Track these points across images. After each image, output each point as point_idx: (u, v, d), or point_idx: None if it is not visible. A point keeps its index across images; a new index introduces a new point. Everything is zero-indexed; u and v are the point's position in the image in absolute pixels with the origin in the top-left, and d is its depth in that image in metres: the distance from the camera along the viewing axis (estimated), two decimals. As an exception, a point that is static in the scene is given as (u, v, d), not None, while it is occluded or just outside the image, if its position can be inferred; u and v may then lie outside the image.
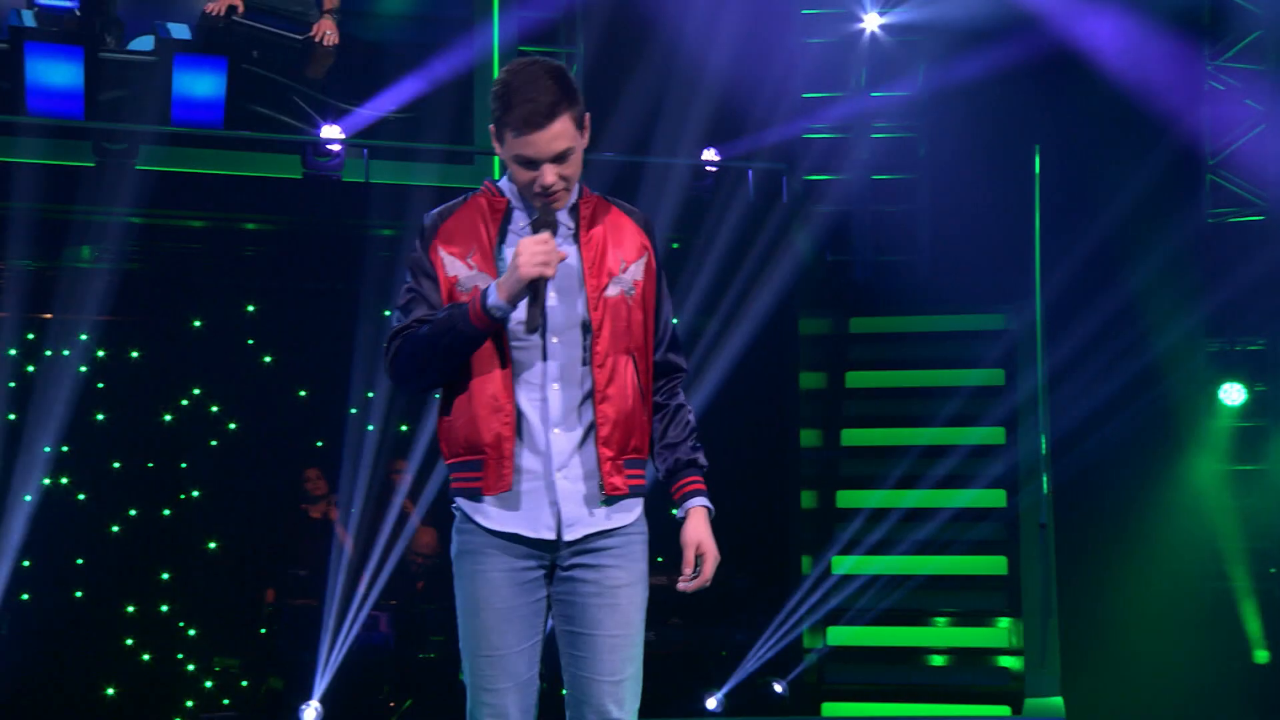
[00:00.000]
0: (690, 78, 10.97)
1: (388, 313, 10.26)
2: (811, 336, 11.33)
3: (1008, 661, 10.36)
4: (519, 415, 3.95)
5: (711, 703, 9.86)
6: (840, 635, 10.46)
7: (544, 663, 4.05)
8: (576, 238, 3.96)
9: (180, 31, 10.48)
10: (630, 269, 3.99)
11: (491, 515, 3.97)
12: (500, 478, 3.91)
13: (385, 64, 11.13)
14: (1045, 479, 10.38)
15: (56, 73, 10.08)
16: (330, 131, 9.92)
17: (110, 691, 10.30)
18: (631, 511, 4.00)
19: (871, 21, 11.94)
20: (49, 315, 10.04)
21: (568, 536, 3.94)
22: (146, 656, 10.47)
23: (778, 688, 10.11)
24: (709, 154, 10.49)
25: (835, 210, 12.02)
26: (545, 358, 3.93)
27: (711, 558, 4.05)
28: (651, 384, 4.07)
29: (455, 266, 3.93)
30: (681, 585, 4.05)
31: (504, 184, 4.00)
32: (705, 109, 10.94)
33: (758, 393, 10.57)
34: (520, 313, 3.90)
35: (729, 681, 9.94)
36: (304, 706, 9.43)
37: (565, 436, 3.94)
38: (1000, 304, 11.25)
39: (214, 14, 10.44)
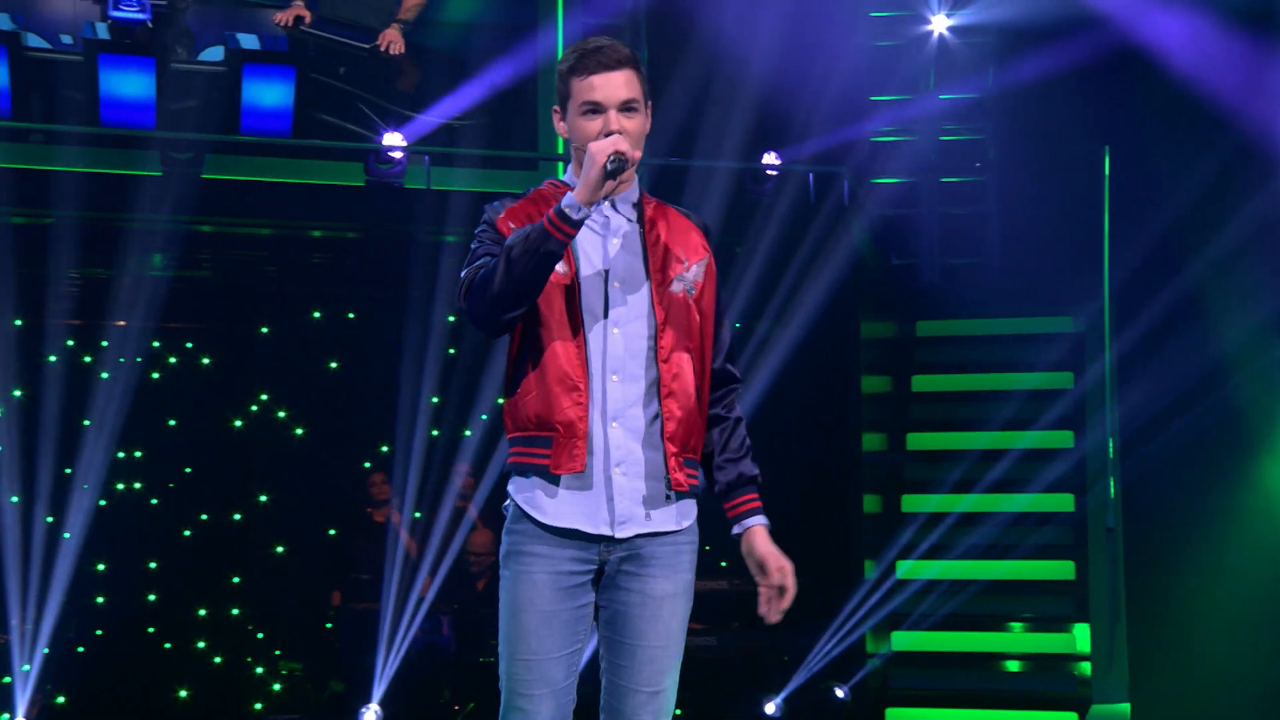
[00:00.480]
0: (752, 82, 10.86)
1: (452, 318, 10.33)
2: (875, 340, 11.25)
3: (1074, 667, 10.21)
4: (588, 404, 3.95)
5: (771, 707, 9.81)
6: (905, 640, 10.35)
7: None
8: (641, 233, 3.96)
9: (250, 42, 10.58)
10: (693, 269, 3.98)
11: (548, 509, 3.92)
12: (572, 456, 3.86)
13: (451, 72, 11.13)
14: (1112, 482, 10.21)
15: (129, 83, 10.17)
16: (392, 139, 9.93)
17: (183, 694, 10.39)
18: (685, 517, 3.97)
19: (939, 23, 11.81)
20: (122, 322, 10.08)
21: (620, 534, 3.89)
22: (218, 659, 10.53)
23: (839, 692, 10.04)
24: (769, 158, 10.43)
25: (902, 213, 11.93)
26: (606, 349, 3.90)
27: (790, 570, 4.01)
28: (707, 388, 4.01)
29: None
30: (774, 612, 4.02)
31: (567, 175, 4.02)
32: (767, 113, 10.90)
33: (818, 396, 10.52)
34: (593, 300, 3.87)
35: (788, 686, 9.88)
36: (364, 710, 9.45)
37: (623, 431, 3.90)
38: (1068, 306, 11.05)
39: (282, 24, 10.61)
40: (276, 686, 10.37)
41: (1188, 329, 10.42)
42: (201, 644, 10.43)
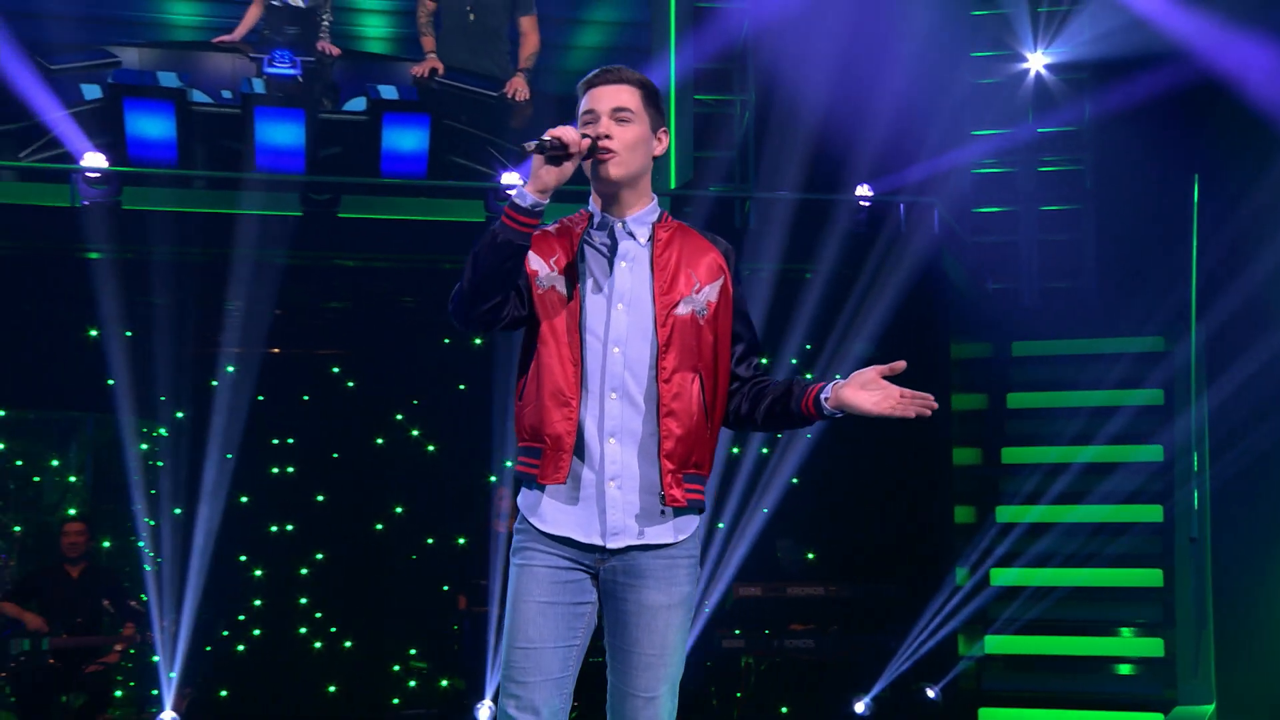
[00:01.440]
0: (852, 118, 10.95)
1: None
2: (970, 360, 11.25)
3: (1161, 670, 10.21)
4: (580, 419, 3.93)
5: (860, 706, 9.83)
6: (998, 644, 10.40)
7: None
8: (651, 258, 3.98)
9: (389, 92, 10.74)
10: (705, 290, 3.97)
11: (548, 517, 3.95)
12: (557, 468, 3.89)
13: (565, 111, 11.17)
14: (1196, 493, 10.20)
15: (281, 133, 10.35)
16: (509, 178, 10.03)
17: (332, 689, 10.76)
18: (682, 531, 3.97)
19: (1036, 61, 12.02)
20: (276, 349, 10.46)
21: (611, 545, 3.91)
22: (362, 657, 10.85)
23: (930, 693, 10.00)
24: (862, 190, 10.52)
25: (1002, 240, 12.17)
26: (605, 366, 3.92)
27: (882, 372, 4.14)
28: (721, 404, 4.02)
29: (538, 263, 3.96)
30: (916, 403, 4.14)
31: (591, 205, 4.06)
32: (867, 147, 10.93)
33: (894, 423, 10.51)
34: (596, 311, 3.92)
35: (876, 686, 9.89)
36: (479, 705, 9.55)
37: (619, 447, 3.92)
38: (1159, 325, 11.07)
39: (418, 76, 10.84)
40: (412, 683, 10.65)
41: (1271, 347, 10.36)
42: (348, 643, 10.82)
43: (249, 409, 10.26)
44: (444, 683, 10.87)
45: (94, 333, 9.85)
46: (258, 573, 10.74)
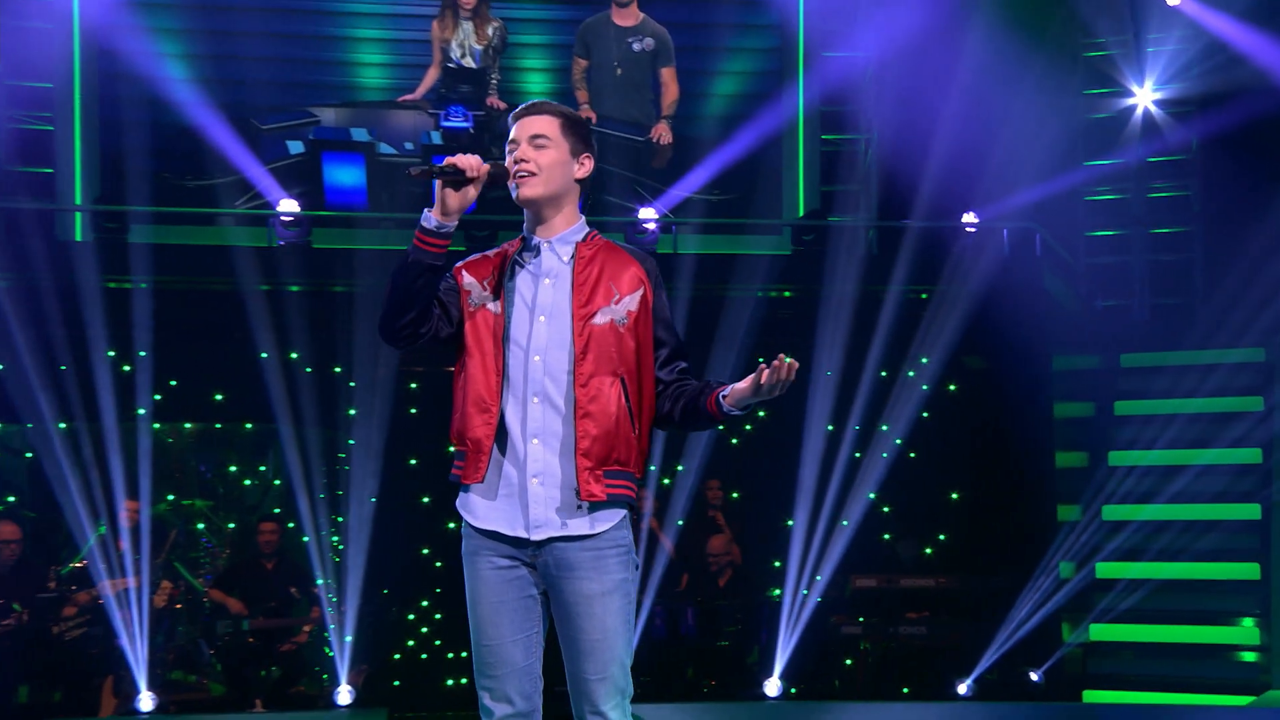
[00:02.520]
0: (967, 151, 11.08)
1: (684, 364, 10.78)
2: (1075, 371, 11.28)
3: (1256, 657, 10.26)
4: (502, 423, 3.96)
5: (962, 688, 9.94)
6: (1101, 632, 10.49)
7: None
8: (573, 274, 4.02)
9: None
10: (624, 300, 3.99)
11: (476, 512, 4.02)
12: (476, 469, 3.95)
13: (699, 150, 11.39)
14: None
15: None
16: (646, 213, 10.43)
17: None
18: (606, 521, 3.98)
19: (1144, 97, 12.05)
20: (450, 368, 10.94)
21: (534, 537, 3.94)
22: None
23: (1033, 676, 10.13)
24: (968, 216, 10.75)
25: (1114, 261, 12.24)
26: (527, 374, 3.96)
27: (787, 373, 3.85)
28: (648, 405, 4.06)
29: (471, 284, 4.05)
30: (781, 370, 3.85)
31: (525, 229, 4.15)
32: (978, 177, 11.11)
33: (1015, 420, 10.65)
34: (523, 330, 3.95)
35: (977, 669, 10.01)
36: None
37: (542, 447, 3.94)
38: (1261, 338, 11.08)
39: None
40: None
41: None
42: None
43: (435, 419, 10.38)
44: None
45: (294, 355, 10.34)
46: (438, 564, 11.05)
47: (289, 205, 10.22)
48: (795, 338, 10.46)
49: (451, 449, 4.04)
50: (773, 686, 9.90)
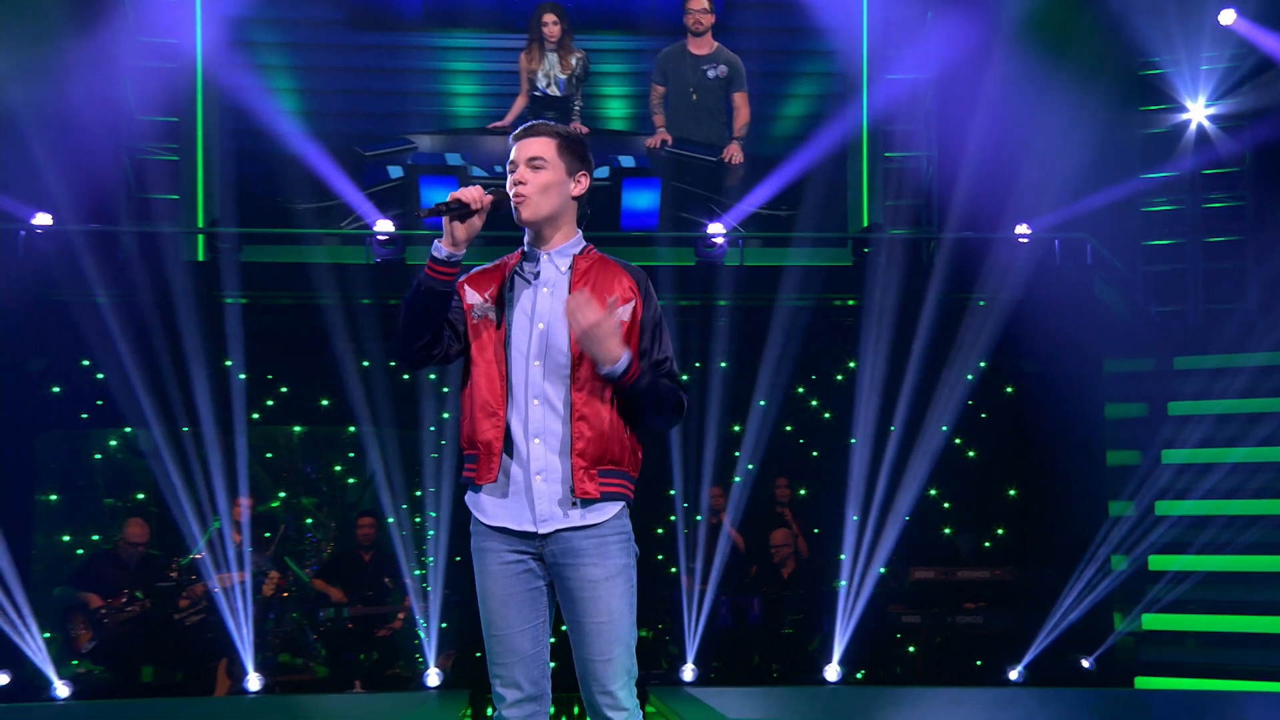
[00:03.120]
0: (1023, 166, 11.10)
1: (718, 364, 10.47)
2: (1128, 374, 11.16)
3: None
4: (507, 425, 3.97)
5: (1013, 674, 9.87)
6: (1153, 621, 10.38)
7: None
8: (569, 285, 4.00)
9: (627, 161, 11.31)
10: (616, 312, 3.94)
11: (486, 510, 4.01)
12: (489, 470, 3.96)
13: (768, 167, 11.40)
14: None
15: None
16: (715, 227, 10.51)
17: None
18: (604, 513, 3.98)
19: (1198, 113, 11.88)
20: None
21: (542, 530, 3.94)
22: None
23: (1085, 663, 10.03)
24: (1021, 228, 10.69)
25: (1170, 269, 12.06)
26: (528, 378, 3.96)
27: (589, 324, 3.79)
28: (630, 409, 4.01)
29: (473, 297, 4.02)
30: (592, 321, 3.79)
31: (524, 242, 4.10)
32: (1034, 191, 11.06)
33: (1067, 420, 10.56)
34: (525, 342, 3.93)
35: (1027, 656, 9.93)
36: (683, 667, 9.91)
37: (543, 446, 3.94)
38: None
39: (651, 147, 11.27)
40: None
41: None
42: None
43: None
44: (658, 648, 10.89)
45: (393, 363, 10.45)
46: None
47: (385, 225, 10.44)
48: (856, 344, 10.52)
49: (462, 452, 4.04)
50: (833, 672, 9.88)
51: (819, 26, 12.04)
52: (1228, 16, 11.41)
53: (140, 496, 10.82)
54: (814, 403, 11.08)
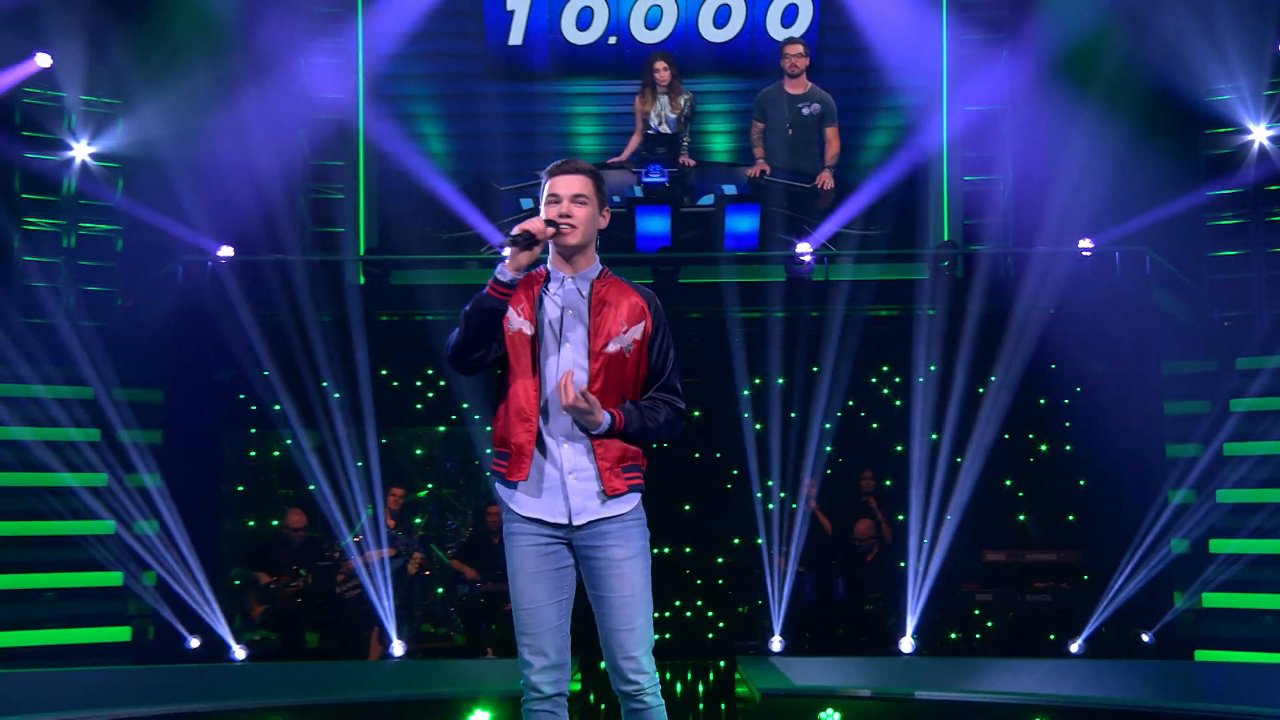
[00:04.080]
0: (1091, 188, 10.99)
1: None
2: (1191, 374, 10.99)
3: None
4: (539, 430, 4.09)
5: (1073, 647, 9.80)
6: (1213, 600, 10.20)
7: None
8: (589, 307, 4.12)
9: (730, 190, 11.41)
10: (629, 331, 4.09)
11: (521, 503, 4.11)
12: (520, 469, 4.08)
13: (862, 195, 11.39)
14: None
15: (654, 224, 11.17)
16: (803, 247, 10.62)
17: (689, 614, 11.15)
18: (628, 504, 4.11)
19: (1260, 134, 11.68)
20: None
21: (576, 521, 4.07)
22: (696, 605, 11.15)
23: (1145, 638, 9.94)
24: (1085, 242, 10.65)
25: (1235, 278, 11.82)
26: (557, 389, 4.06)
27: (563, 391, 3.94)
28: None
29: (509, 311, 4.11)
30: (571, 397, 3.93)
31: (549, 263, 4.20)
32: (1102, 208, 11.00)
33: (1129, 417, 10.46)
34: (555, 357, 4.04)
35: (1086, 629, 9.86)
36: (772, 638, 10.00)
37: (572, 448, 4.08)
38: None
39: (752, 176, 11.34)
40: (721, 624, 11.01)
41: None
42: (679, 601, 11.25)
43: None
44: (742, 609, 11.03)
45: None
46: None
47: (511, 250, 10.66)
48: (936, 349, 10.56)
49: (489, 450, 4.27)
50: (907, 644, 9.90)
51: (900, 66, 12.10)
52: (1287, 45, 11.22)
53: (311, 488, 11.20)
54: (898, 402, 11.09)
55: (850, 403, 10.73)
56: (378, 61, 12.48)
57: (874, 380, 11.13)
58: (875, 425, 11.15)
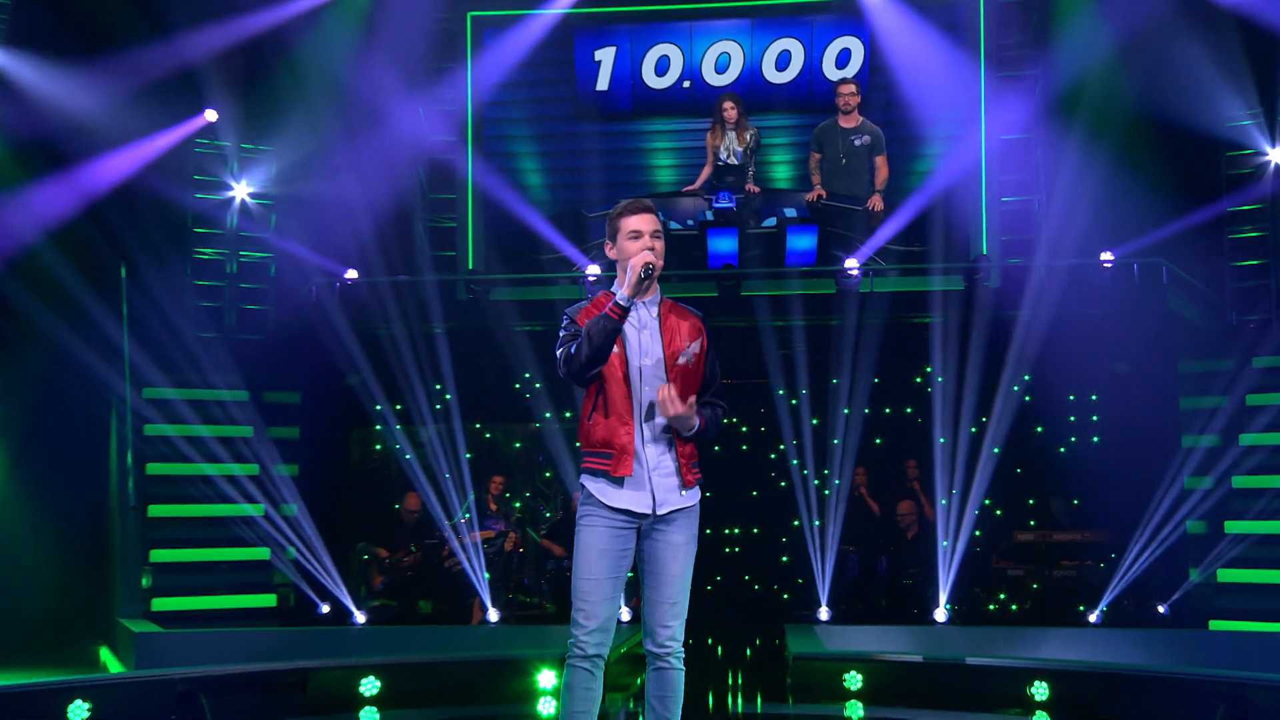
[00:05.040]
0: (1119, 200, 11.00)
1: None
2: (1209, 373, 10.85)
3: None
4: (635, 433, 4.18)
5: (1092, 616, 9.80)
6: (1227, 575, 10.02)
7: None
8: (659, 326, 4.24)
9: (791, 213, 11.70)
10: (691, 346, 4.23)
11: (611, 496, 4.20)
12: (623, 465, 4.18)
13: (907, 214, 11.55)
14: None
15: (723, 244, 11.47)
16: (850, 262, 10.82)
17: (756, 587, 11.57)
18: (695, 496, 4.29)
19: (1276, 155, 11.59)
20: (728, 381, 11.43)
21: (660, 511, 4.21)
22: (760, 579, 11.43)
23: (1161, 609, 9.94)
24: (1106, 255, 10.69)
25: (1256, 285, 11.72)
26: (642, 399, 4.20)
27: (672, 403, 4.07)
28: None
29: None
30: (678, 404, 4.08)
31: (614, 286, 4.29)
32: (1126, 224, 11.04)
33: (1148, 411, 10.54)
34: (646, 367, 4.14)
35: (1104, 600, 9.82)
36: (819, 609, 10.14)
37: (655, 449, 4.21)
38: None
39: (810, 200, 11.58)
40: (775, 586, 11.23)
41: None
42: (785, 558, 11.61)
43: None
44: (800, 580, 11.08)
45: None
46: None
47: (594, 269, 11.15)
48: (973, 355, 10.67)
49: (580, 447, 4.33)
50: (940, 614, 9.98)
51: (941, 100, 12.23)
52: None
53: (424, 476, 11.69)
54: (938, 399, 10.97)
55: (896, 399, 10.92)
56: (483, 108, 12.97)
57: (918, 380, 11.24)
58: (920, 420, 11.24)
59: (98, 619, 10.77)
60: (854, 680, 7.62)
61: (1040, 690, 7.21)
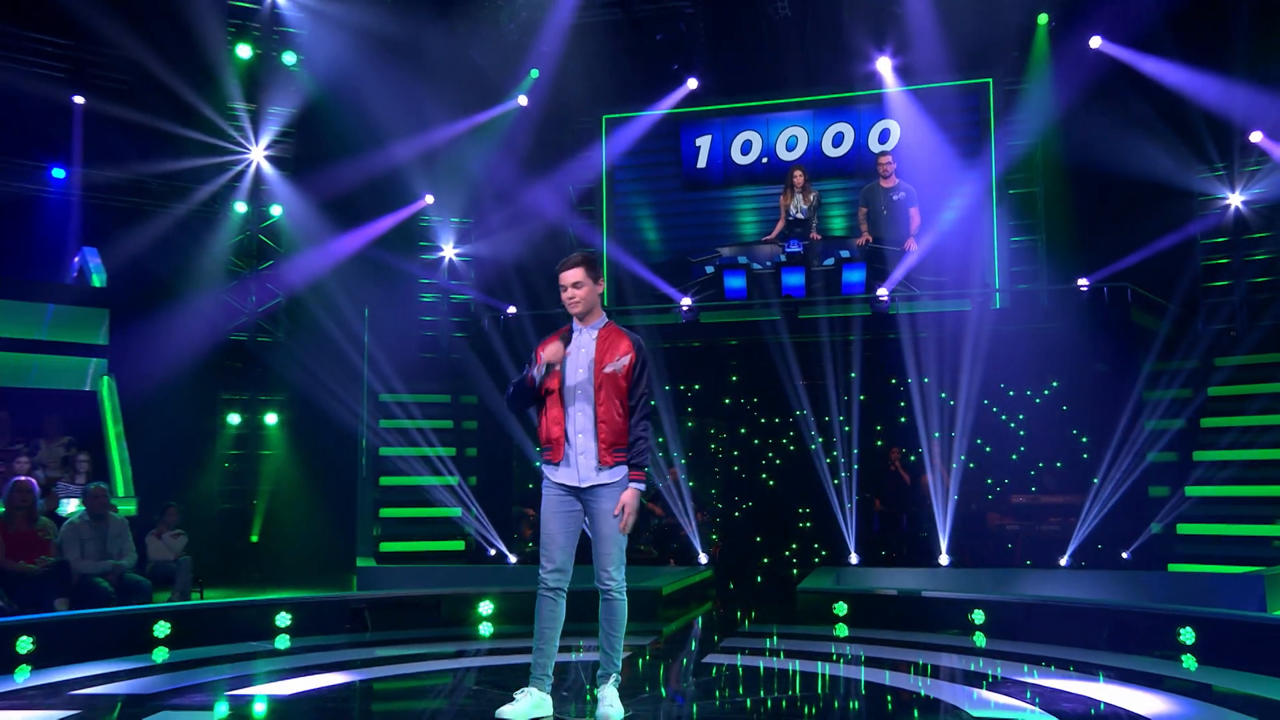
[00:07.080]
0: (1106, 231, 11.30)
1: (639, 415, 11.06)
2: (1174, 370, 10.85)
3: None
4: (565, 428, 4.22)
5: (1062, 561, 9.77)
6: (1185, 529, 10.11)
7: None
8: (595, 345, 4.26)
9: (845, 254, 11.96)
10: (621, 360, 4.20)
11: (552, 473, 4.28)
12: (558, 452, 4.22)
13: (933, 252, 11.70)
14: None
15: (793, 279, 11.82)
16: (880, 291, 11.22)
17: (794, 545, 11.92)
18: (615, 475, 4.22)
19: (1235, 199, 11.76)
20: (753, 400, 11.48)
21: (583, 485, 4.23)
22: (789, 550, 11.92)
23: (1124, 555, 9.93)
24: (1082, 281, 10.82)
25: (1223, 301, 11.79)
26: (575, 399, 4.22)
27: (630, 510, 4.11)
28: (629, 418, 4.23)
29: (550, 356, 4.22)
30: (621, 525, 4.09)
31: (573, 321, 4.28)
32: (1107, 252, 11.16)
33: (1116, 402, 10.48)
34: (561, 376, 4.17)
35: (1070, 548, 9.79)
36: (849, 555, 10.40)
37: (583, 438, 4.20)
38: None
39: (860, 244, 11.89)
40: (814, 561, 11.23)
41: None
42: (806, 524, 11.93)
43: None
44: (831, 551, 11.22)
45: (698, 387, 11.84)
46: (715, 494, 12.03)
47: (686, 302, 11.86)
48: (999, 360, 10.87)
49: (538, 446, 4.40)
50: (944, 559, 10.23)
51: (960, 165, 12.59)
52: (1256, 136, 11.54)
53: None
54: (952, 400, 11.24)
55: (921, 394, 11.18)
56: (613, 184, 13.70)
57: (940, 384, 11.45)
58: (946, 406, 11.47)
59: (347, 557, 11.83)
60: (841, 608, 7.77)
61: (978, 615, 7.44)
